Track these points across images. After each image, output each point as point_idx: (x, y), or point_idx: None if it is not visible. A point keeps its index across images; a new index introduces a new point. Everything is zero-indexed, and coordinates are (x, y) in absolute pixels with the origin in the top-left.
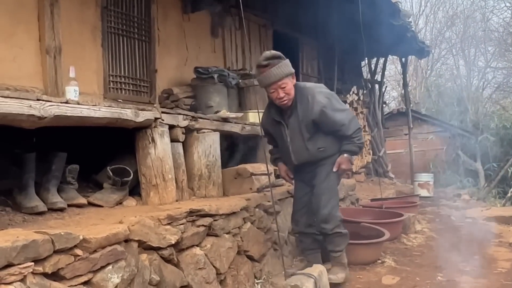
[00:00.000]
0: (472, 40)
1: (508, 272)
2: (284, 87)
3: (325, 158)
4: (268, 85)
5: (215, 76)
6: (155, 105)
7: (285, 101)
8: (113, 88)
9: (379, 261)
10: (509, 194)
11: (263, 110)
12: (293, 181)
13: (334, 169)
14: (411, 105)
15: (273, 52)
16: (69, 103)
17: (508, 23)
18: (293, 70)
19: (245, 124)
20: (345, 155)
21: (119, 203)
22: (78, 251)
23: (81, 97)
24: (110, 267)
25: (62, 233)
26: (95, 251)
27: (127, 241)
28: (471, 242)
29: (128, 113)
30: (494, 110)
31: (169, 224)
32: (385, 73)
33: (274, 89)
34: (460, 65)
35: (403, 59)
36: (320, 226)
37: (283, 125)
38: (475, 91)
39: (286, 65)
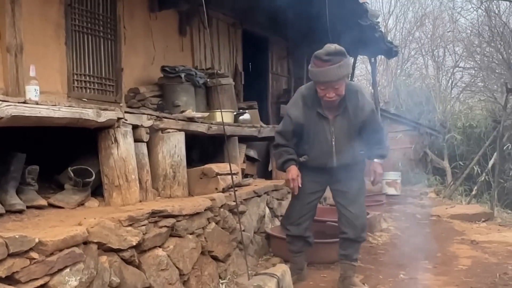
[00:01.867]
0: (440, 41)
1: (468, 269)
2: (338, 88)
3: (358, 163)
4: (322, 82)
5: (182, 75)
6: (121, 104)
7: (334, 101)
8: (77, 87)
9: None
10: (473, 192)
11: (228, 110)
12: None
13: (371, 178)
14: (381, 104)
15: (337, 47)
16: (27, 103)
17: (475, 24)
18: (351, 70)
19: (212, 123)
20: (376, 160)
21: (81, 204)
22: (34, 254)
23: (44, 96)
24: (67, 270)
25: (17, 236)
26: (52, 254)
27: (86, 243)
28: (435, 240)
29: (89, 113)
30: (461, 109)
31: (130, 225)
32: (356, 72)
33: (326, 87)
34: (429, 65)
35: (372, 59)
36: (358, 234)
37: (327, 121)
38: (443, 91)
39: (347, 65)
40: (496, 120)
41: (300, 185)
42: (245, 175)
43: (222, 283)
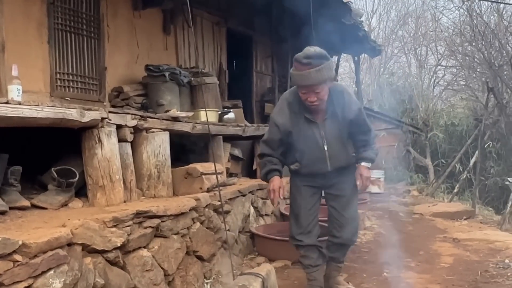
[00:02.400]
0: (423, 39)
1: (450, 267)
2: (319, 92)
3: (351, 165)
4: (302, 86)
5: (167, 74)
6: (104, 103)
7: (316, 105)
8: (60, 86)
9: None
10: (455, 190)
11: (213, 109)
12: (279, 200)
13: (358, 182)
14: (364, 102)
15: (317, 50)
16: (10, 104)
17: (457, 24)
18: (334, 74)
19: (196, 123)
20: (363, 163)
21: (65, 205)
22: (17, 257)
23: (26, 96)
24: (51, 272)
25: (0, 239)
26: (35, 256)
27: (70, 244)
28: (417, 238)
29: (73, 113)
30: (443, 107)
31: (114, 226)
32: (340, 70)
33: (307, 91)
34: (411, 63)
35: (356, 58)
36: (349, 238)
37: (317, 126)
38: (426, 89)
39: (328, 68)
40: (478, 118)
41: (281, 197)
42: (229, 174)
43: (207, 283)
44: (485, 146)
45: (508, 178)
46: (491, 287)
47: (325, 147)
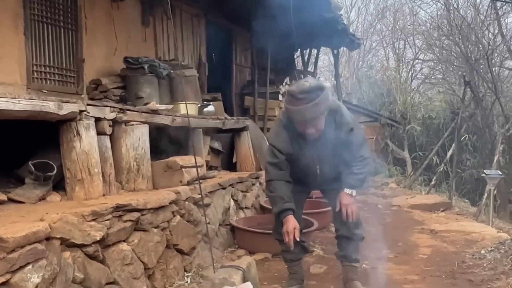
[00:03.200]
0: (401, 33)
1: (428, 258)
2: (316, 124)
3: None
4: (299, 121)
5: (146, 66)
6: (82, 95)
7: (315, 135)
8: (37, 78)
9: None
10: (433, 182)
11: (192, 102)
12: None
13: (337, 209)
14: (343, 95)
15: (312, 84)
16: None
17: (434, 17)
18: (329, 104)
19: (176, 116)
20: (345, 189)
21: (42, 198)
22: None
23: (2, 88)
24: (30, 266)
25: None
26: (13, 250)
27: (48, 239)
28: (396, 230)
29: (50, 106)
30: (421, 101)
31: (94, 220)
32: (319, 63)
33: (303, 124)
34: (390, 57)
35: (335, 51)
36: (352, 232)
37: (309, 147)
38: (404, 83)
39: (324, 101)
40: (454, 111)
41: (297, 239)
42: (209, 168)
43: (187, 276)
44: (462, 139)
45: (484, 170)
46: (468, 277)
47: (318, 171)
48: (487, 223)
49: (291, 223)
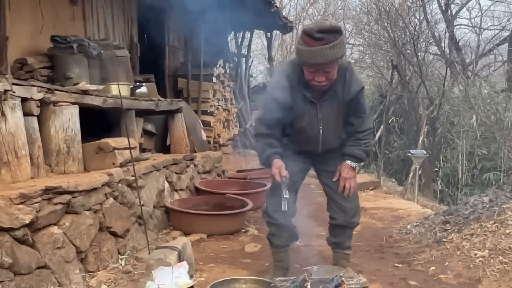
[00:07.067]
0: (332, 18)
1: (358, 234)
2: (329, 72)
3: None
4: (311, 64)
5: (74, 45)
6: (6, 75)
7: (323, 85)
8: None
9: (243, 230)
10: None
11: (124, 83)
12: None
13: (334, 179)
14: None
15: (333, 23)
16: None
17: (364, 3)
18: (345, 51)
19: (108, 96)
20: (348, 161)
21: None
22: None
23: None
24: None
25: None
26: None
27: None
28: None
29: None
30: None
31: (22, 203)
32: (252, 47)
33: (315, 70)
34: None
35: (268, 34)
36: (349, 221)
37: (315, 106)
38: None
39: (342, 44)
40: (383, 94)
41: (285, 175)
42: (143, 150)
43: (121, 259)
44: (389, 121)
45: (410, 150)
46: (395, 251)
47: (320, 131)
48: (412, 201)
49: (277, 163)
